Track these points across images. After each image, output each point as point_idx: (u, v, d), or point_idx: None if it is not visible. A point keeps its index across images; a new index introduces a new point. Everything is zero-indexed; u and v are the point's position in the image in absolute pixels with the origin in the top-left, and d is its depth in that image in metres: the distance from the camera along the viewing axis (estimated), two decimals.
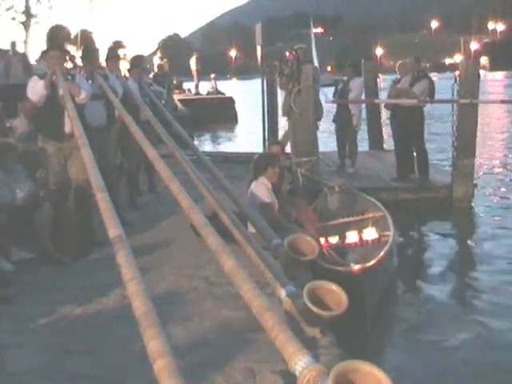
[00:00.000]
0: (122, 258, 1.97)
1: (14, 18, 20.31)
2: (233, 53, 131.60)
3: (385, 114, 12.02)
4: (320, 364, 1.47)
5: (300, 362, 1.49)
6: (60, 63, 5.22)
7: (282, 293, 2.37)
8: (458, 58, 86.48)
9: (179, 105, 19.56)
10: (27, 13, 19.85)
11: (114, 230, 2.18)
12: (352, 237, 5.87)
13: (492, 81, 45.58)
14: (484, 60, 74.24)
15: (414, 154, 9.06)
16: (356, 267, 4.88)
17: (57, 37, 5.25)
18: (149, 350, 1.49)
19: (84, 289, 4.35)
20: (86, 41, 6.06)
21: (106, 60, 6.89)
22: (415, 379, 4.26)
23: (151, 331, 1.55)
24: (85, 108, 5.34)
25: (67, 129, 5.12)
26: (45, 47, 5.32)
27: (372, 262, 4.94)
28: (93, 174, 2.86)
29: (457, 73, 8.95)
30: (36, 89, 5.16)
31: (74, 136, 4.15)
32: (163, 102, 8.99)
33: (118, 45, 7.13)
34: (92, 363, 3.19)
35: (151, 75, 17.38)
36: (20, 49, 18.26)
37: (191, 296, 4.17)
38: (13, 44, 11.75)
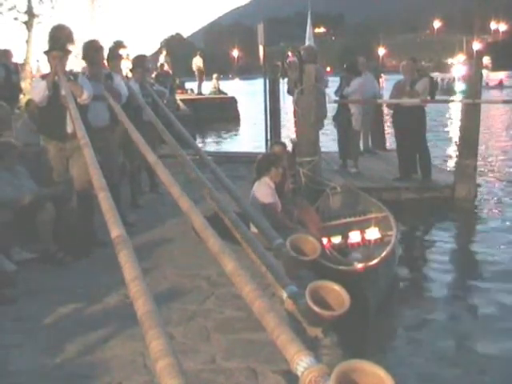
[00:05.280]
0: (124, 258, 1.96)
1: (16, 18, 20.32)
2: (235, 53, 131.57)
3: (387, 114, 12.02)
4: (322, 364, 1.46)
5: (302, 363, 1.48)
6: (62, 63, 5.21)
7: (284, 293, 2.36)
8: (460, 57, 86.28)
9: (181, 105, 19.55)
10: (29, 13, 19.85)
11: (116, 230, 2.17)
12: (355, 237, 5.88)
13: (494, 81, 45.50)
14: (486, 60, 74.12)
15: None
16: (359, 266, 4.89)
17: (59, 37, 5.23)
18: (151, 350, 1.49)
19: (86, 289, 4.35)
20: (91, 53, 5.92)
21: (107, 60, 6.87)
22: (416, 379, 4.26)
23: (153, 331, 1.55)
24: (88, 108, 5.33)
25: (69, 129, 5.11)
26: (47, 47, 5.31)
27: (375, 261, 4.95)
28: (95, 175, 2.85)
29: None
30: (38, 89, 5.15)
31: (76, 136, 4.14)
32: (165, 101, 8.96)
33: (118, 45, 7.11)
34: (93, 363, 3.19)
35: (153, 75, 17.37)
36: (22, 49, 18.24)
37: (193, 296, 4.17)
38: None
